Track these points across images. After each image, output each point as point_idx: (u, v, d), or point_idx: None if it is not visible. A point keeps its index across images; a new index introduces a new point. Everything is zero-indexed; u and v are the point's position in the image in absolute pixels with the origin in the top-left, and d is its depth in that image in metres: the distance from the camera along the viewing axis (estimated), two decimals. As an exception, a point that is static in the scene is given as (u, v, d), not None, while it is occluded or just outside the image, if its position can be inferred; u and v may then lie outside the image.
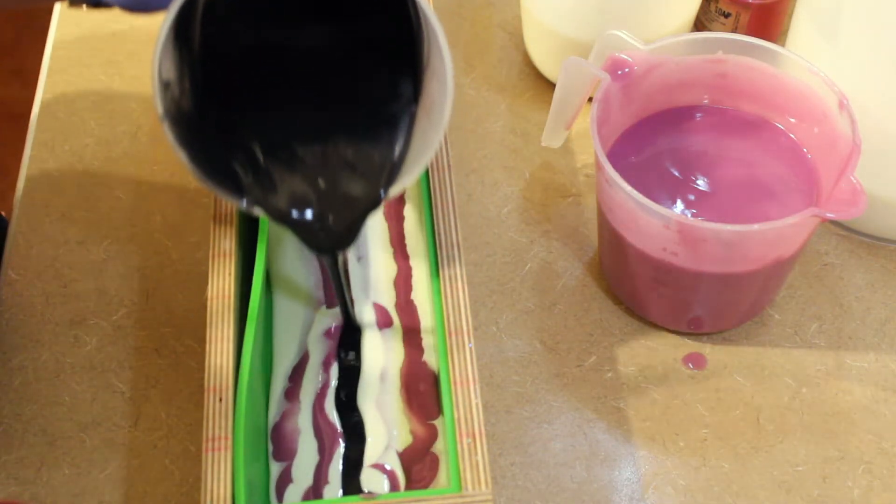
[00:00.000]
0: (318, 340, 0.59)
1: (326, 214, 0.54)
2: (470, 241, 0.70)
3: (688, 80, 0.65)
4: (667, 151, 0.65)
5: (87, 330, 0.67)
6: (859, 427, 0.63)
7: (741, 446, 0.62)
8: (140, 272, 0.69)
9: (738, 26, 0.76)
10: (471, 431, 0.52)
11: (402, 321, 0.59)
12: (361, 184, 0.55)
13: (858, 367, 0.65)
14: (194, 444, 0.62)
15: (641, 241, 0.60)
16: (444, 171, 0.61)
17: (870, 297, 0.68)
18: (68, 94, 0.78)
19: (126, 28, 0.82)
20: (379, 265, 0.61)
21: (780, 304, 0.68)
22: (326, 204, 0.54)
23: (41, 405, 0.64)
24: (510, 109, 0.77)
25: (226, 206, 0.59)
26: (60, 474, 0.62)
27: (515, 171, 0.74)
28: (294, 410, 0.57)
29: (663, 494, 0.61)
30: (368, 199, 0.54)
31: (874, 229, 0.70)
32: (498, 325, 0.67)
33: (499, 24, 0.82)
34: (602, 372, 0.65)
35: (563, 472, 0.62)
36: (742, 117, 0.66)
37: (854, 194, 0.56)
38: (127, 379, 0.65)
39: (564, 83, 0.65)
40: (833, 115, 0.61)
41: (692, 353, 0.66)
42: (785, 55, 0.63)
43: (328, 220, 0.54)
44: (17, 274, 0.69)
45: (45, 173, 0.74)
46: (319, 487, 0.54)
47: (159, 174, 0.74)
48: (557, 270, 0.69)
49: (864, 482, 0.61)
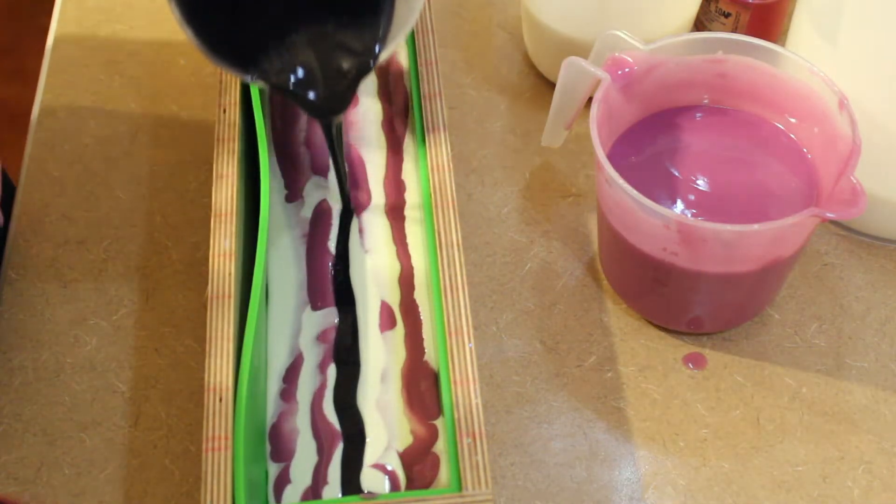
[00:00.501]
0: (312, 344, 0.59)
1: (323, 79, 0.60)
2: (470, 241, 0.70)
3: (688, 80, 0.65)
4: (667, 151, 0.65)
5: (87, 330, 0.67)
6: (859, 427, 0.63)
7: (741, 446, 0.62)
8: (140, 272, 0.69)
9: (738, 26, 0.76)
10: (471, 431, 0.52)
11: (404, 321, 0.59)
12: (354, 49, 0.60)
13: (858, 367, 0.65)
14: (194, 444, 0.62)
15: (641, 241, 0.61)
16: (444, 171, 0.61)
17: (870, 297, 0.68)
18: (68, 94, 0.78)
19: (126, 28, 0.82)
20: (384, 261, 0.61)
21: (780, 304, 0.68)
22: (323, 71, 0.60)
23: (41, 405, 0.64)
24: (510, 109, 0.77)
25: (226, 205, 0.59)
26: (60, 474, 0.62)
27: (515, 171, 0.74)
28: (292, 411, 0.57)
29: (663, 494, 0.61)
30: (360, 63, 0.60)
31: (874, 229, 0.70)
32: (498, 325, 0.67)
33: (499, 24, 0.82)
34: (602, 372, 0.65)
35: (563, 472, 0.62)
36: (742, 117, 0.66)
37: (854, 194, 0.56)
38: (127, 379, 0.65)
39: (564, 83, 0.65)
40: (833, 115, 0.61)
41: (692, 353, 0.66)
42: (785, 55, 0.63)
43: (325, 85, 0.60)
44: (17, 274, 0.69)
45: (46, 173, 0.74)
46: (318, 488, 0.54)
47: (159, 174, 0.74)
48: (557, 270, 0.69)
49: (864, 482, 0.61)
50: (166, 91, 0.78)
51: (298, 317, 0.60)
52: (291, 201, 0.64)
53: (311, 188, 0.64)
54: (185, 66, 0.80)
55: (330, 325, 0.59)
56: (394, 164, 0.65)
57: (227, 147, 0.61)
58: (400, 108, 0.67)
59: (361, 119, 0.66)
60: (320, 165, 0.65)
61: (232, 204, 0.59)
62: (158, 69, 0.80)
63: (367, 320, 0.59)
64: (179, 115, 0.77)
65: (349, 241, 0.62)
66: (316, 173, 0.65)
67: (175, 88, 0.79)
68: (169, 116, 0.77)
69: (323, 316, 0.60)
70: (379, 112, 0.66)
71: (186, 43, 0.81)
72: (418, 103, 0.64)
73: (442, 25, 0.81)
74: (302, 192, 0.64)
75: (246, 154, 0.64)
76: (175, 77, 0.79)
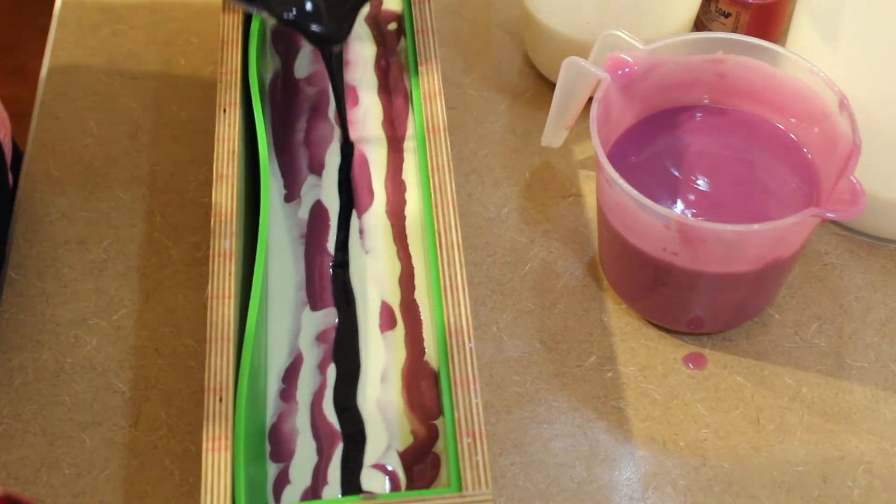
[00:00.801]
0: (311, 344, 0.59)
1: (325, 7, 0.62)
2: (470, 241, 0.70)
3: (688, 80, 0.66)
4: (667, 151, 0.65)
5: (87, 330, 0.67)
6: (859, 427, 0.63)
7: (741, 446, 0.62)
8: (140, 272, 0.69)
9: (738, 26, 0.76)
10: (471, 431, 0.52)
11: (404, 321, 0.59)
12: None
13: (858, 367, 0.65)
14: (194, 444, 0.62)
15: (641, 241, 0.61)
16: (444, 171, 0.61)
17: (870, 297, 0.68)
18: (68, 94, 0.78)
19: (126, 28, 0.82)
20: (385, 261, 0.61)
21: (780, 304, 0.68)
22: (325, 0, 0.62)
23: (41, 405, 0.64)
24: (510, 109, 0.77)
25: (226, 205, 0.59)
26: (60, 474, 0.62)
27: (515, 171, 0.74)
28: (291, 411, 0.57)
29: (663, 494, 0.61)
30: None
31: (874, 229, 0.70)
32: (498, 325, 0.67)
33: (499, 24, 0.82)
34: (602, 372, 0.65)
35: (563, 472, 0.62)
36: (742, 117, 0.66)
37: (854, 194, 0.56)
38: (127, 379, 0.65)
39: (564, 83, 0.65)
40: (833, 115, 0.61)
41: (692, 353, 0.66)
42: (785, 55, 0.63)
43: (327, 12, 0.62)
44: (17, 274, 0.69)
45: (46, 173, 0.74)
46: (318, 488, 0.54)
47: (159, 174, 0.74)
48: (557, 270, 0.69)
49: (864, 482, 0.61)
50: (166, 91, 0.78)
51: (297, 317, 0.60)
52: (289, 201, 0.64)
53: (307, 188, 0.64)
54: (185, 66, 0.80)
55: (329, 326, 0.59)
56: (394, 164, 0.65)
57: (227, 147, 0.61)
58: (400, 107, 0.67)
59: (363, 119, 0.66)
60: (317, 165, 0.65)
61: (232, 204, 0.59)
62: (158, 69, 0.80)
63: (368, 320, 0.59)
64: (179, 115, 0.77)
65: (349, 241, 0.62)
66: (312, 172, 0.65)
67: (175, 88, 0.79)
68: (169, 116, 0.77)
69: (322, 316, 0.60)
70: (380, 112, 0.67)
71: (186, 43, 0.81)
72: (418, 103, 0.64)
73: (442, 25, 0.81)
74: (299, 192, 0.64)
75: (246, 154, 0.64)
76: (175, 77, 0.79)
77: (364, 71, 0.69)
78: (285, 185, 0.64)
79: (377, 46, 0.70)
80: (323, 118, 0.67)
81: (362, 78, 0.68)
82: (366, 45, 0.70)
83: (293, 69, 0.69)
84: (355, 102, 0.67)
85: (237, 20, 0.66)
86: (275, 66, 0.69)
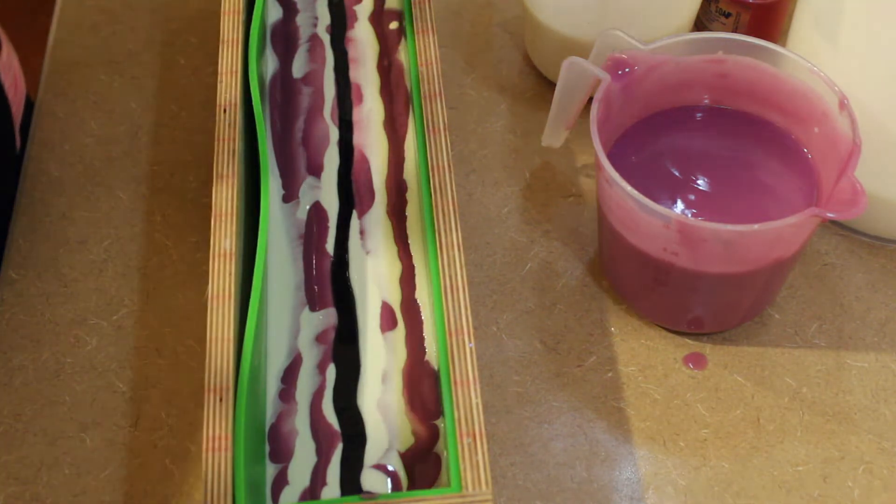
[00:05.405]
0: (310, 345, 0.59)
1: None
2: (470, 241, 0.70)
3: (688, 80, 0.65)
4: (667, 151, 0.65)
5: (87, 330, 0.67)
6: (859, 427, 0.63)
7: (741, 446, 0.62)
8: (140, 272, 0.69)
9: (738, 26, 0.76)
10: (471, 431, 0.52)
11: (405, 321, 0.59)
12: None
13: (858, 367, 0.65)
14: (194, 444, 0.62)
15: (641, 241, 0.61)
16: (444, 171, 0.61)
17: (870, 297, 0.68)
18: (68, 94, 0.78)
19: (126, 28, 0.82)
20: (385, 262, 0.61)
21: (780, 304, 0.68)
22: None
23: (41, 405, 0.64)
24: (510, 109, 0.77)
25: (226, 205, 0.59)
26: (60, 474, 0.62)
27: (515, 171, 0.74)
28: (291, 412, 0.57)
29: (663, 494, 0.61)
30: None
31: (874, 229, 0.70)
32: (498, 325, 0.67)
33: (499, 24, 0.82)
34: (602, 372, 0.65)
35: (563, 472, 0.62)
36: (742, 117, 0.66)
37: (854, 194, 0.56)
38: (127, 379, 0.65)
39: (564, 83, 0.65)
40: (833, 115, 0.61)
41: (692, 353, 0.66)
42: (785, 55, 0.63)
43: None
44: (17, 274, 0.69)
45: (45, 173, 0.74)
46: (317, 489, 0.54)
47: (159, 174, 0.74)
48: (557, 270, 0.69)
49: (864, 482, 0.61)
50: (166, 91, 0.78)
51: (296, 317, 0.60)
52: (288, 202, 0.64)
53: (305, 189, 0.64)
54: (185, 66, 0.80)
55: (329, 326, 0.59)
56: (395, 164, 0.65)
57: (227, 147, 0.61)
58: (401, 107, 0.67)
59: (364, 119, 0.66)
60: (315, 166, 0.65)
61: (232, 204, 0.59)
62: (158, 69, 0.80)
63: (368, 321, 0.59)
64: (179, 115, 0.77)
65: (349, 242, 0.62)
66: (310, 174, 0.65)
67: (175, 88, 0.79)
68: (169, 116, 0.77)
69: (322, 317, 0.60)
70: (381, 112, 0.67)
71: (186, 43, 0.81)
72: (418, 103, 0.64)
73: (442, 25, 0.81)
74: (298, 192, 0.64)
75: (246, 154, 0.64)
76: (175, 77, 0.79)
77: (367, 70, 0.69)
78: (284, 186, 0.64)
79: (379, 45, 0.70)
80: (322, 119, 0.67)
81: (366, 76, 0.68)
82: (368, 43, 0.70)
83: (292, 69, 0.69)
84: (360, 101, 0.67)
85: (237, 20, 0.66)
86: (274, 66, 0.69)
